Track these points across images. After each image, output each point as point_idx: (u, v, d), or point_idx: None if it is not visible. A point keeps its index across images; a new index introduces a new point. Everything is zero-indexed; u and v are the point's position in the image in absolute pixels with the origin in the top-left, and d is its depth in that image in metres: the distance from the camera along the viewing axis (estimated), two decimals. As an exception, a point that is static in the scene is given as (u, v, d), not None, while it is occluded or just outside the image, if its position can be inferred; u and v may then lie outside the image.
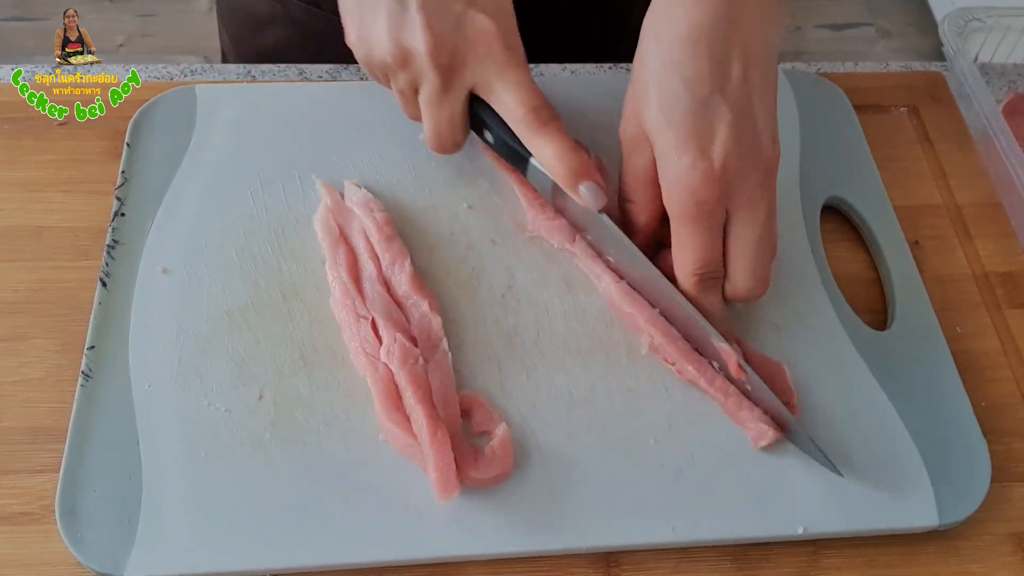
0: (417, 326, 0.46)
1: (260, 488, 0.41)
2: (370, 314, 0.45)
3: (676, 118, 0.42)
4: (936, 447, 0.44)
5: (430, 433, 0.41)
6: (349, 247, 0.49)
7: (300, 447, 0.43)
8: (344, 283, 0.47)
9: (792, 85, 0.59)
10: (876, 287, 0.52)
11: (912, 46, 1.88)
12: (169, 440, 0.42)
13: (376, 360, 0.44)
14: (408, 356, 0.44)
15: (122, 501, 0.41)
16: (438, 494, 0.40)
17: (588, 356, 0.46)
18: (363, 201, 0.50)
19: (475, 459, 0.42)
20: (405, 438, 0.42)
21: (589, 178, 0.45)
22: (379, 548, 0.40)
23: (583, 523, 0.41)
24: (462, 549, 0.40)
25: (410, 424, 0.42)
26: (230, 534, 0.40)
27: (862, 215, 0.53)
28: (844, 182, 0.55)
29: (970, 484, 0.43)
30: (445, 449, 0.41)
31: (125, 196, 0.51)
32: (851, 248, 0.54)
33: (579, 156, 0.45)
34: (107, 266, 0.48)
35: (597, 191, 0.45)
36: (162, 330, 0.46)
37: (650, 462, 0.43)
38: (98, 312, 0.46)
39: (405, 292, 0.47)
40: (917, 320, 0.49)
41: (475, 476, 0.41)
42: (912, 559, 0.42)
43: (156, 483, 0.41)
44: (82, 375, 0.44)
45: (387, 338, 0.44)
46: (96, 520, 0.40)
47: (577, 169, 0.45)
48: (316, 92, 0.57)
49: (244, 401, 0.44)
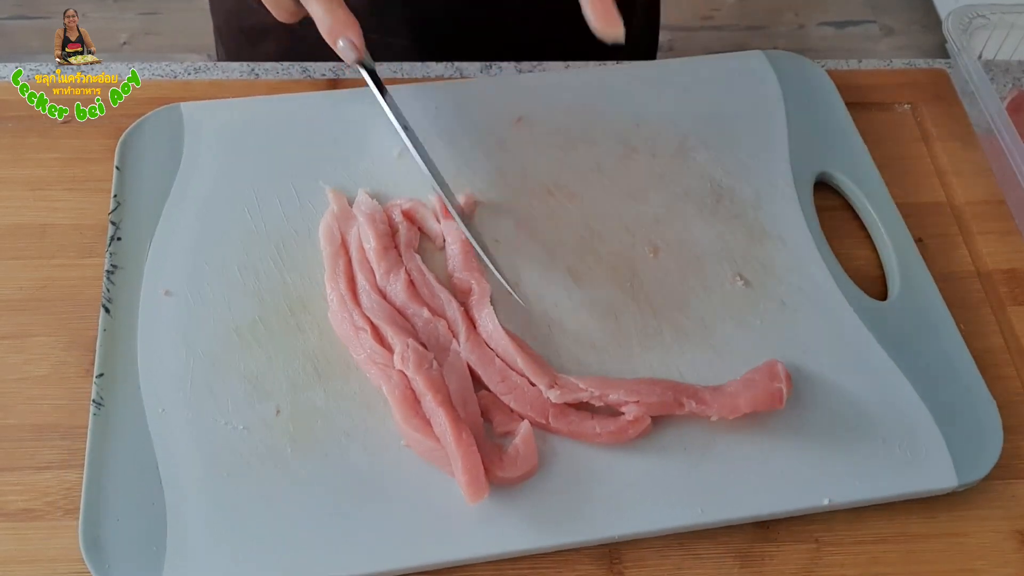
0: (423, 331, 0.46)
1: (285, 503, 0.41)
2: (367, 325, 0.45)
3: None
4: (947, 410, 0.45)
5: (455, 436, 0.41)
6: (348, 258, 0.49)
7: (322, 459, 0.42)
8: (341, 295, 0.47)
9: (773, 65, 0.60)
10: (870, 248, 0.53)
11: (915, 43, 1.87)
12: (188, 463, 0.42)
13: (389, 368, 0.44)
14: (423, 361, 0.44)
15: (147, 528, 0.40)
16: (468, 497, 0.40)
17: (603, 352, 0.47)
18: (370, 210, 0.50)
19: (500, 458, 0.42)
20: (428, 442, 0.42)
21: (344, 34, 0.48)
22: (408, 554, 0.40)
23: (610, 514, 0.41)
24: (491, 549, 0.41)
25: (432, 428, 0.42)
26: (258, 551, 0.40)
27: (853, 189, 0.54)
28: (833, 156, 0.56)
29: (983, 443, 0.44)
30: (472, 451, 0.40)
31: (120, 220, 0.50)
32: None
33: (340, 13, 0.48)
34: (108, 292, 0.47)
35: (351, 46, 0.49)
36: (171, 353, 0.45)
37: (672, 448, 0.43)
38: (104, 339, 0.46)
39: (403, 302, 0.47)
40: (916, 286, 0.50)
41: (502, 476, 0.41)
42: (915, 556, 0.42)
43: (179, 507, 0.41)
44: (93, 403, 0.44)
45: (399, 345, 0.44)
46: (123, 550, 0.40)
47: (334, 25, 0.48)
48: (302, 103, 0.56)
49: (261, 418, 0.44)
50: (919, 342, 0.48)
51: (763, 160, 0.55)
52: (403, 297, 0.47)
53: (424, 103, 0.56)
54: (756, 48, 0.61)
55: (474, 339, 0.45)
